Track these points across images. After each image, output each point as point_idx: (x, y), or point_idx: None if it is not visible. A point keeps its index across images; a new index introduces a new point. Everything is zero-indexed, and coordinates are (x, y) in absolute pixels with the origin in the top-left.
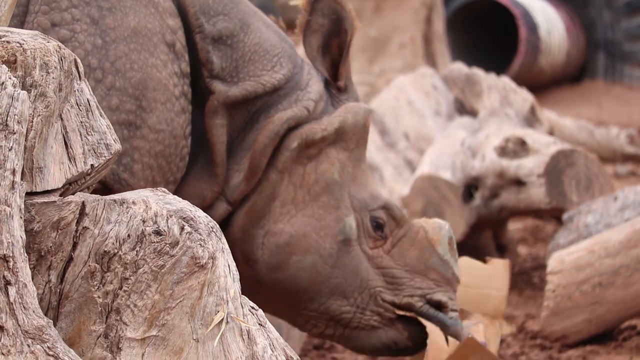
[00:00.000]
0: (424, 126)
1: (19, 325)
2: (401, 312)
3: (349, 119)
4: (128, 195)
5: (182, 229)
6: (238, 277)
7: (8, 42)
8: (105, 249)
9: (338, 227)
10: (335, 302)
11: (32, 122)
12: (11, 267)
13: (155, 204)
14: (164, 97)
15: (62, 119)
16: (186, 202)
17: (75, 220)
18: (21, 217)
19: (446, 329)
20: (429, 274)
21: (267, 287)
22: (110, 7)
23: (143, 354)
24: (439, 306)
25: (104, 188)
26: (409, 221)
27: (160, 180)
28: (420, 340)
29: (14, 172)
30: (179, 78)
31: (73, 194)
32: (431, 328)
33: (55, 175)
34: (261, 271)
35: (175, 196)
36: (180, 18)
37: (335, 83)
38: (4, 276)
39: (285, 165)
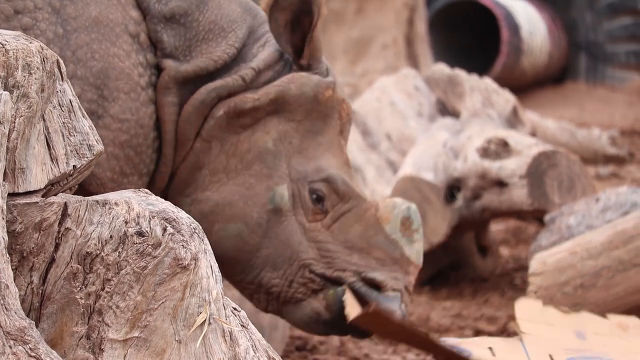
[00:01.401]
0: (406, 127)
1: (1, 326)
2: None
3: (292, 90)
4: (110, 196)
5: (165, 230)
6: (220, 278)
7: None
8: (88, 250)
9: (268, 196)
10: (266, 274)
11: (15, 122)
12: None
13: (137, 205)
14: (128, 87)
15: (44, 120)
16: (169, 203)
17: (58, 221)
18: (3, 218)
19: (378, 306)
20: (373, 253)
21: None
22: None
23: (125, 355)
24: (375, 285)
25: None
26: (359, 197)
27: (130, 172)
28: (337, 310)
29: None
30: (144, 68)
31: (55, 194)
32: (348, 297)
33: (37, 176)
34: None
35: (158, 197)
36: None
37: (299, 60)
38: None
39: (211, 133)
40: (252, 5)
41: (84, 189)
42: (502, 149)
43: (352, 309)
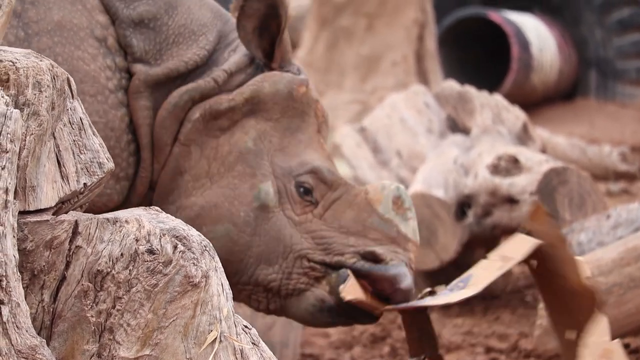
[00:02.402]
0: (416, 144)
1: (12, 344)
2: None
3: (266, 88)
4: (121, 214)
5: (175, 247)
6: (231, 295)
7: (0, 60)
8: (99, 268)
9: (253, 194)
10: (262, 272)
11: (25, 140)
12: (4, 286)
13: (148, 222)
14: (94, 89)
15: (54, 138)
16: (179, 220)
17: (68, 239)
18: (14, 236)
19: (387, 277)
20: (369, 234)
21: None
22: (33, 1)
23: None
24: (375, 259)
25: None
26: (347, 184)
27: None
28: (338, 290)
29: (6, 191)
30: (113, 72)
31: (66, 212)
32: (350, 279)
33: (48, 194)
34: None
35: (169, 215)
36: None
37: (270, 64)
38: None
39: (189, 137)
40: (223, 12)
41: None
42: (512, 165)
43: (353, 291)
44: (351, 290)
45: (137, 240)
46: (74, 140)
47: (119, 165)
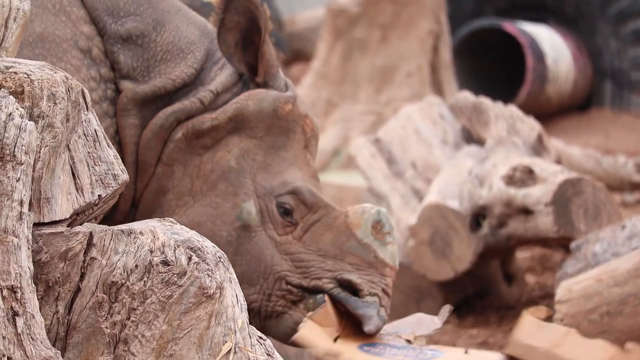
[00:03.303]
0: (431, 155)
1: (27, 356)
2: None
3: (250, 106)
4: (135, 225)
5: (190, 259)
6: (246, 306)
7: (15, 72)
8: (113, 280)
9: (235, 214)
10: (243, 291)
11: (40, 152)
12: (19, 298)
13: (162, 234)
14: None
15: (69, 150)
16: (194, 232)
17: (83, 251)
18: (29, 248)
19: (356, 314)
20: (347, 258)
21: None
22: None
23: None
24: (351, 287)
25: None
26: (328, 207)
27: None
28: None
29: (21, 203)
30: (97, 83)
31: (80, 224)
32: (327, 304)
33: (62, 205)
34: None
35: (183, 226)
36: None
37: (255, 78)
38: (11, 307)
39: (172, 157)
40: (210, 29)
41: None
42: (527, 176)
43: (324, 318)
44: (322, 317)
45: (151, 252)
46: (89, 152)
47: None
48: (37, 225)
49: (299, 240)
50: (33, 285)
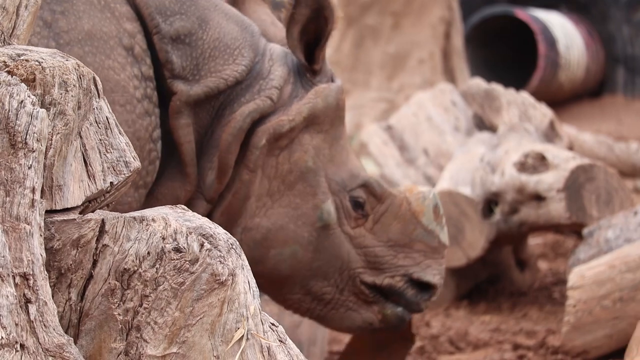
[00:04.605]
0: (443, 142)
1: (40, 343)
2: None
3: (319, 103)
4: (147, 212)
5: (202, 245)
6: (258, 293)
7: (27, 60)
8: (125, 267)
9: (316, 215)
10: (317, 284)
11: (52, 140)
12: (31, 285)
13: (174, 221)
14: (124, 99)
15: (81, 137)
16: (206, 219)
17: (95, 238)
18: (41, 235)
19: (408, 320)
20: (414, 246)
21: None
22: (63, 10)
23: None
24: (421, 284)
25: None
26: (392, 195)
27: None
28: (395, 323)
29: (33, 190)
30: (140, 81)
31: (92, 211)
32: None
33: (74, 193)
34: None
35: (195, 213)
36: (139, 22)
37: (311, 66)
38: (24, 294)
39: (257, 164)
40: (248, 22)
41: None
42: (539, 163)
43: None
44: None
45: (163, 239)
46: (100, 140)
47: (139, 174)
48: (49, 212)
49: (370, 232)
50: (45, 272)
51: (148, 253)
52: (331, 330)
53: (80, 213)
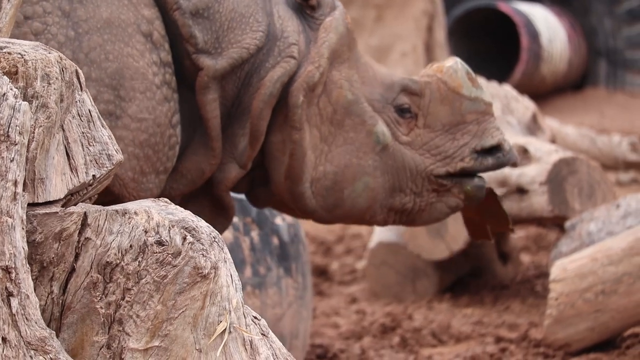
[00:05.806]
0: None
1: (22, 336)
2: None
3: (333, 38)
4: (130, 205)
5: (184, 239)
6: (241, 286)
7: (9, 53)
8: (108, 260)
9: (372, 140)
10: (395, 200)
11: (34, 133)
12: (13, 278)
13: (157, 214)
14: (143, 86)
15: (63, 130)
16: (188, 212)
17: (77, 231)
18: (23, 228)
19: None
20: (467, 119)
21: (336, 222)
22: None
23: None
24: (490, 150)
25: None
26: (428, 84)
27: (149, 171)
28: (478, 194)
29: (15, 183)
30: (158, 67)
31: (75, 204)
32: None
33: (57, 186)
34: (323, 216)
35: (177, 206)
36: (157, 7)
37: (308, 3)
38: (6, 287)
39: (302, 121)
40: None
41: (108, 191)
42: (522, 155)
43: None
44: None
45: (146, 232)
46: (83, 133)
47: (159, 160)
48: (31, 205)
49: (424, 128)
50: (27, 265)
51: (130, 246)
52: (418, 226)
53: (62, 206)
